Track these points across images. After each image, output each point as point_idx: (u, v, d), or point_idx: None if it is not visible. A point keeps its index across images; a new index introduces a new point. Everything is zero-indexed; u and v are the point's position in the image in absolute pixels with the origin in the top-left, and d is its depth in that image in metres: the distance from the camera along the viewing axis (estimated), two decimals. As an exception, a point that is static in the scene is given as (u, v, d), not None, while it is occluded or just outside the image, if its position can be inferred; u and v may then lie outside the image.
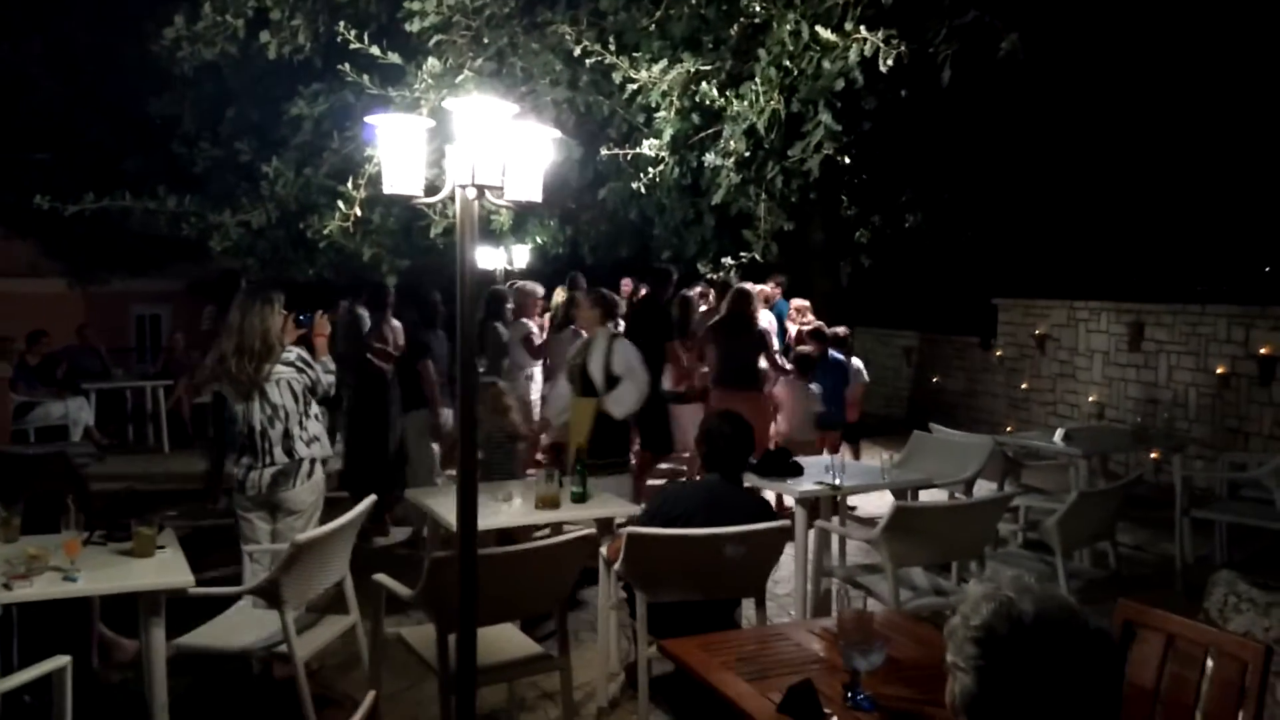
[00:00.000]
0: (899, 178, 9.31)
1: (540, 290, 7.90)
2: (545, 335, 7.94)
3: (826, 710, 2.27)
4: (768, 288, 8.10)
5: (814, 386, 7.23)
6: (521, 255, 11.03)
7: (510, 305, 7.91)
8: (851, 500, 7.21)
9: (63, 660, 2.98)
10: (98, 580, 3.38)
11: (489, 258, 10.95)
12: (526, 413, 7.38)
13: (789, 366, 7.19)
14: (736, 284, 7.01)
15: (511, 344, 7.53)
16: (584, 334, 7.13)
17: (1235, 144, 10.35)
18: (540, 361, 7.77)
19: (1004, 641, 1.42)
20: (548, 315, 8.56)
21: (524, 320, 7.61)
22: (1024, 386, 10.58)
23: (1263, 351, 7.87)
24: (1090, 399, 9.59)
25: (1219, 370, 8.24)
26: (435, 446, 6.82)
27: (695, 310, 7.74)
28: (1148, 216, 11.79)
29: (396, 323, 6.91)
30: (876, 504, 7.03)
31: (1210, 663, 2.47)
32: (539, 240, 10.36)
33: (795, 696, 2.29)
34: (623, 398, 5.50)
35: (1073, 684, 1.40)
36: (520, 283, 7.91)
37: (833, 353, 7.50)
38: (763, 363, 6.99)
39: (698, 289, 8.16)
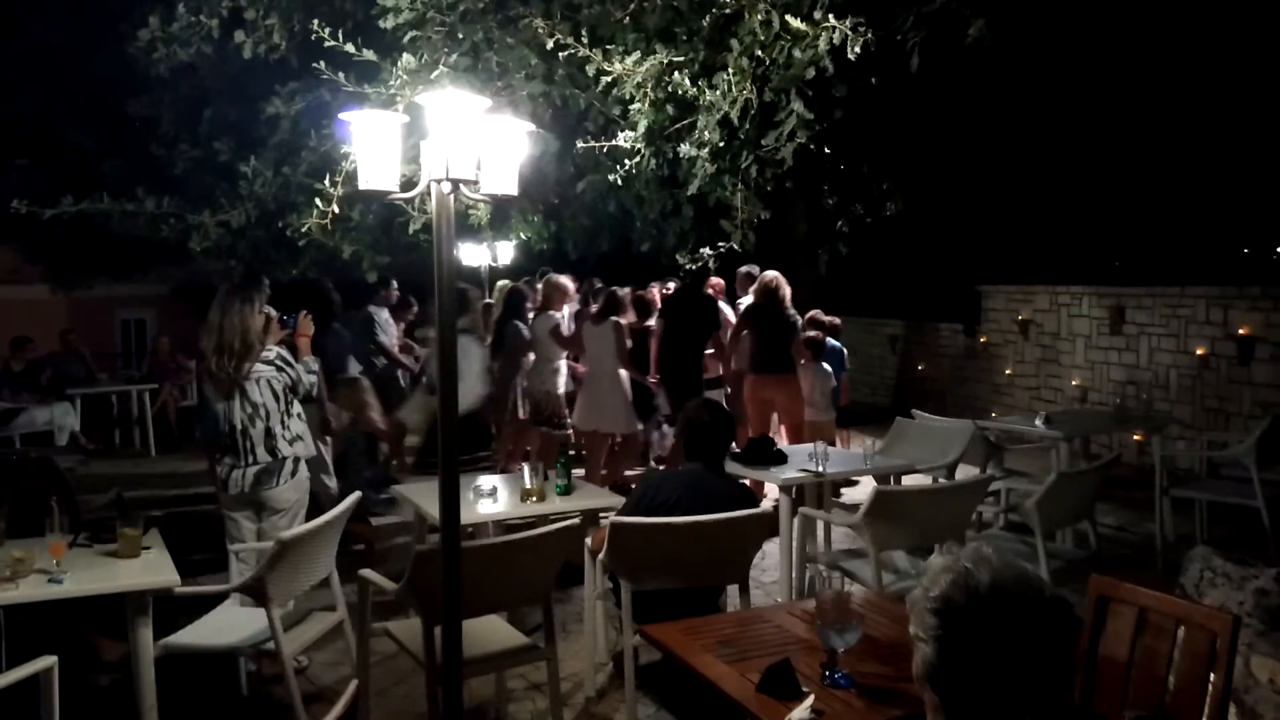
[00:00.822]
0: (879, 167, 9.34)
1: (570, 284, 7.84)
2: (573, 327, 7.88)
3: (805, 689, 2.31)
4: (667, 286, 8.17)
5: (826, 366, 7.60)
6: (505, 252, 11.02)
7: (530, 303, 7.94)
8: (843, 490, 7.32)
9: (49, 660, 2.99)
10: (83, 582, 3.38)
11: (473, 254, 10.96)
12: (555, 406, 7.41)
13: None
14: (759, 273, 7.24)
15: (538, 337, 7.51)
16: (623, 323, 7.35)
17: (1212, 128, 10.43)
18: (566, 355, 7.71)
19: (961, 611, 1.46)
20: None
21: (551, 313, 7.58)
22: (1008, 372, 10.66)
23: (1241, 332, 7.95)
24: (1073, 383, 9.67)
25: (1199, 351, 8.33)
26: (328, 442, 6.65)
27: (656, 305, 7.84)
28: (1127, 201, 11.88)
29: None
30: (862, 491, 7.10)
31: (1181, 634, 2.52)
32: (522, 236, 10.35)
33: (774, 676, 2.33)
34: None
35: (1029, 650, 1.44)
36: (550, 275, 7.83)
37: (830, 340, 7.84)
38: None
39: (671, 284, 8.23)
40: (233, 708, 4.15)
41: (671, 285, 8.30)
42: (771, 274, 7.14)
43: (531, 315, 7.81)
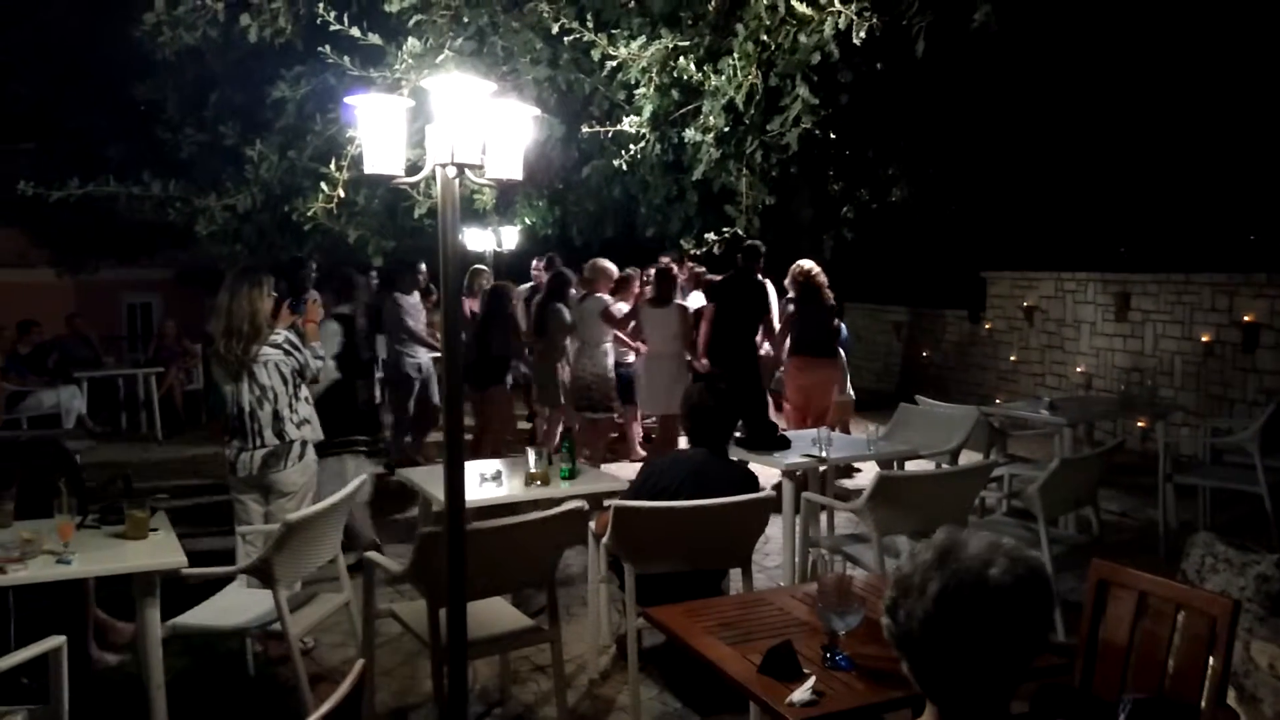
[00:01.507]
0: (884, 152, 9.32)
1: (614, 268, 7.85)
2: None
3: (805, 670, 2.33)
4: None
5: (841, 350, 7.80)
6: (510, 236, 11.02)
7: (572, 287, 7.98)
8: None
9: (58, 640, 3.02)
10: (91, 562, 3.41)
11: (478, 239, 10.95)
12: (607, 390, 7.51)
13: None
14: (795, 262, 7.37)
15: (585, 319, 7.53)
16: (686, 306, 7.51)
17: (1220, 114, 10.37)
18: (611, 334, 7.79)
19: (908, 581, 1.52)
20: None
21: (599, 295, 7.62)
22: (1013, 359, 10.65)
23: (1246, 319, 7.94)
24: (1078, 369, 9.66)
25: (1204, 338, 8.32)
26: None
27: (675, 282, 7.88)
28: (1133, 188, 11.83)
29: None
30: (865, 480, 7.13)
31: (1181, 618, 2.54)
32: (527, 221, 10.35)
33: (775, 657, 2.35)
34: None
35: (959, 622, 1.47)
36: (594, 260, 7.81)
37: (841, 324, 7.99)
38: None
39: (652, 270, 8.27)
40: (239, 688, 4.18)
41: (653, 271, 8.34)
42: (806, 262, 7.32)
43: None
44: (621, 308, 7.78)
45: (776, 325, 7.52)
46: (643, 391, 7.62)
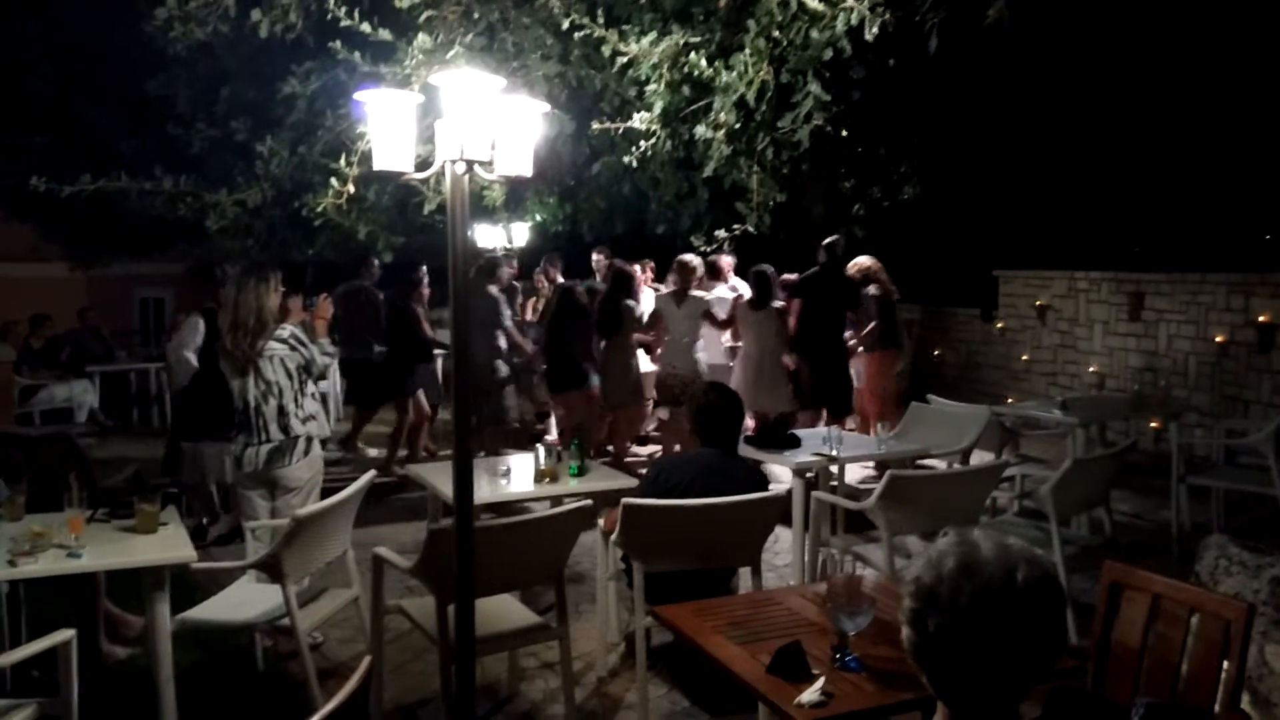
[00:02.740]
0: (896, 150, 9.27)
1: (700, 263, 7.73)
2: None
3: (815, 671, 2.32)
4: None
5: None
6: (521, 233, 11.02)
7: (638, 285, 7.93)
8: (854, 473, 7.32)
9: (68, 634, 3.03)
10: (101, 556, 3.42)
11: (488, 236, 10.95)
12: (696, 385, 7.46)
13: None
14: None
15: (681, 317, 7.45)
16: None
17: (1236, 113, 10.28)
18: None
19: (932, 593, 1.49)
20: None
21: (698, 294, 7.60)
22: (1025, 358, 10.59)
23: (1262, 319, 7.87)
24: (1091, 369, 9.60)
25: (1218, 338, 8.25)
26: None
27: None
28: (1147, 186, 11.74)
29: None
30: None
31: (1194, 621, 2.51)
32: (538, 217, 10.34)
33: (784, 658, 2.34)
34: None
35: (1004, 631, 1.45)
36: (686, 258, 7.65)
37: None
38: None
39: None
40: (248, 682, 4.19)
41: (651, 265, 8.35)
42: (868, 258, 7.73)
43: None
44: (723, 298, 7.90)
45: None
46: (746, 390, 7.46)
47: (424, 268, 7.92)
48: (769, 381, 7.50)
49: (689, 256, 7.44)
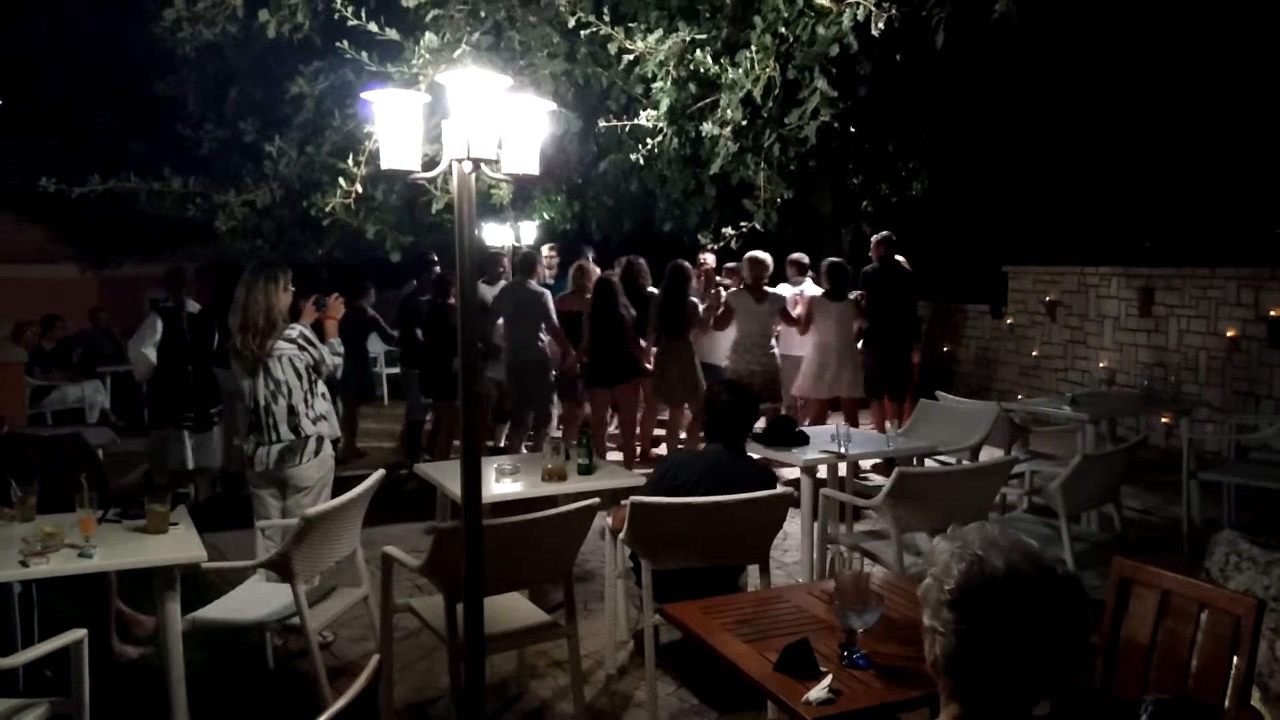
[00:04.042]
0: (904, 145, 9.25)
1: (770, 260, 7.72)
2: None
3: (823, 669, 2.32)
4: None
5: None
6: (529, 231, 11.03)
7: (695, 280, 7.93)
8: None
9: (79, 633, 3.05)
10: (113, 556, 3.44)
11: (496, 234, 10.97)
12: (772, 381, 7.54)
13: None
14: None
15: (756, 315, 7.48)
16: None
17: (1246, 107, 10.22)
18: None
19: (979, 601, 1.44)
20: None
21: (775, 291, 7.71)
22: (1035, 354, 10.56)
23: (1273, 314, 7.83)
24: (1101, 365, 9.57)
25: (1229, 333, 8.21)
26: None
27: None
28: (1158, 181, 11.68)
29: None
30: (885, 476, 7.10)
31: (1204, 618, 2.50)
32: (545, 215, 10.35)
33: (791, 655, 2.34)
34: None
35: (1048, 631, 1.43)
36: (755, 255, 7.52)
37: None
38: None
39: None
40: (259, 681, 4.21)
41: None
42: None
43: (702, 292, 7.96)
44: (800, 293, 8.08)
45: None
46: (811, 379, 7.81)
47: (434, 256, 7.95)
48: (852, 369, 7.78)
49: (762, 254, 7.49)
